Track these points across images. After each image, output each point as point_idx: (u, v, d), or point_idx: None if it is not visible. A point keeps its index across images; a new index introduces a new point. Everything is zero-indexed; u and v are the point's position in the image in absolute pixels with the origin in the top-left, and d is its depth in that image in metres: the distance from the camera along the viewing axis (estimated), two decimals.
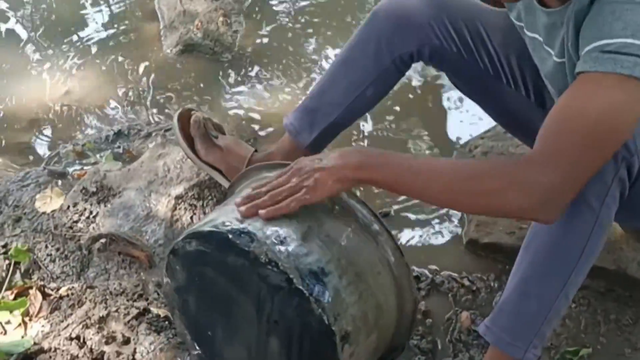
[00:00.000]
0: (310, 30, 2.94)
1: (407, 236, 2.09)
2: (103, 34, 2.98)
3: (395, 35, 1.77)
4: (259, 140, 2.39)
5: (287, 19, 3.01)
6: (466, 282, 1.91)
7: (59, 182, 2.13)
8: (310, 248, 1.30)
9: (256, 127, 2.46)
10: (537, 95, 1.77)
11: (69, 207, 2.00)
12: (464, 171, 1.31)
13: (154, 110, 2.56)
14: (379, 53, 1.79)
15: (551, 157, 1.22)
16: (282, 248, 1.27)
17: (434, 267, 1.97)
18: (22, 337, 1.60)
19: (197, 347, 1.47)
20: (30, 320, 1.65)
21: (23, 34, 2.96)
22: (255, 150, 1.96)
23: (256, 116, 2.52)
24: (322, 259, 1.30)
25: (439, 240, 2.09)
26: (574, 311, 1.84)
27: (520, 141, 2.01)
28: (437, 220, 2.14)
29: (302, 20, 3.00)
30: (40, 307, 1.68)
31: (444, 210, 2.16)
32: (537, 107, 1.77)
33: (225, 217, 1.34)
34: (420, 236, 2.11)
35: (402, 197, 2.21)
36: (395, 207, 2.18)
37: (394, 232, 2.08)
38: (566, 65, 1.38)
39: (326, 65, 2.72)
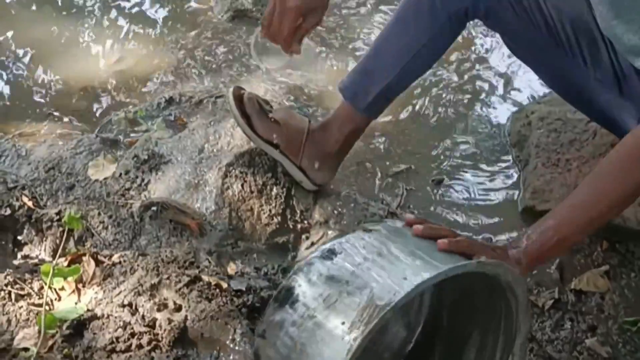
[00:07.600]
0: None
1: (461, 204, 2.06)
2: (154, 2, 2.97)
3: None
4: (309, 108, 2.36)
5: None
6: None
7: (112, 149, 2.13)
8: None
9: (306, 94, 2.43)
10: (593, 63, 1.70)
11: (120, 174, 2.00)
12: (618, 161, 1.32)
13: (205, 77, 2.55)
14: (433, 10, 1.74)
15: None
16: None
17: (488, 235, 1.94)
18: (76, 303, 1.60)
19: None
20: (83, 287, 1.66)
21: (74, 3, 2.96)
22: (309, 120, 1.94)
23: (306, 83, 2.49)
24: None
25: (494, 208, 2.05)
26: (633, 280, 1.80)
27: (575, 108, 1.94)
28: (492, 188, 2.11)
29: None
30: (93, 274, 1.68)
31: (498, 177, 2.13)
32: (592, 77, 1.71)
33: None
34: (476, 204, 2.07)
35: (458, 163, 2.18)
36: (450, 175, 2.15)
37: (448, 200, 2.06)
38: None
39: None
